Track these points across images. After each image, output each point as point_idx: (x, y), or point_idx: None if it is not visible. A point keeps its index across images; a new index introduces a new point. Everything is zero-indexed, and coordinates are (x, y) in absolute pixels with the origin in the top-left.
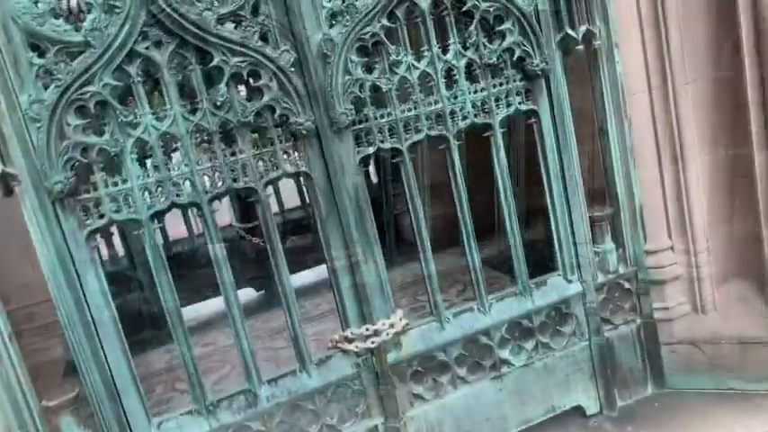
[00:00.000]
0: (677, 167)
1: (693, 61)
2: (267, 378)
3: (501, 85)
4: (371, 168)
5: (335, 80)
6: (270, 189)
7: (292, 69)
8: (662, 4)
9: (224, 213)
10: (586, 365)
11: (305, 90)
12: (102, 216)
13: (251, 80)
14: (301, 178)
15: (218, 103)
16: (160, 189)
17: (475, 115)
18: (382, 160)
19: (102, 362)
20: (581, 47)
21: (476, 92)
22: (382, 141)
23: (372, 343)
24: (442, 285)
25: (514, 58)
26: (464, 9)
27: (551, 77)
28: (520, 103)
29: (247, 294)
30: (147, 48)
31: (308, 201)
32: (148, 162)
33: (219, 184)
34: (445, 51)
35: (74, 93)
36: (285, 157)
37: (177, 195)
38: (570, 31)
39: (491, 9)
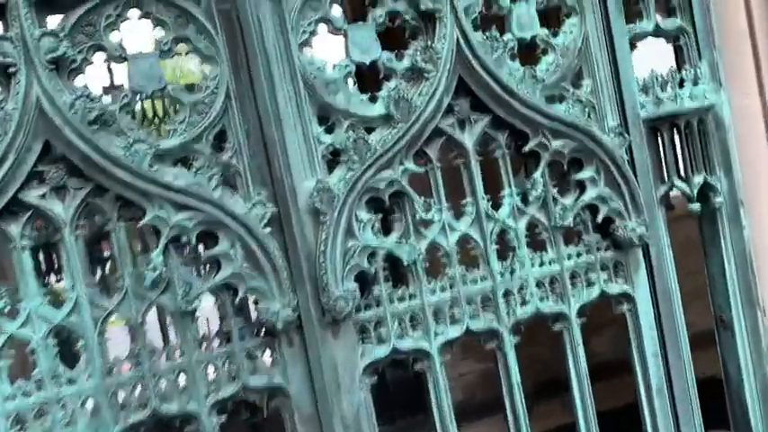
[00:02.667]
0: None
1: None
2: None
3: (579, 255)
4: None
5: (332, 248)
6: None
7: (268, 230)
8: None
9: None
10: None
11: (284, 262)
12: None
13: (203, 247)
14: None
15: (150, 283)
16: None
17: (541, 299)
18: None
19: None
20: (696, 205)
21: (542, 265)
22: (400, 337)
23: None
24: None
25: (599, 219)
26: (526, 149)
27: (652, 247)
28: (606, 282)
29: None
30: (42, 196)
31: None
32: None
33: (139, 406)
34: (497, 206)
35: None
36: (248, 362)
37: (67, 425)
38: (679, 183)
39: (565, 150)
